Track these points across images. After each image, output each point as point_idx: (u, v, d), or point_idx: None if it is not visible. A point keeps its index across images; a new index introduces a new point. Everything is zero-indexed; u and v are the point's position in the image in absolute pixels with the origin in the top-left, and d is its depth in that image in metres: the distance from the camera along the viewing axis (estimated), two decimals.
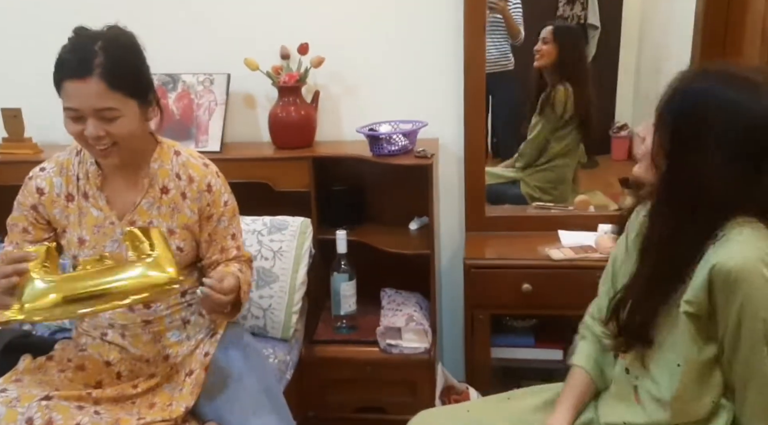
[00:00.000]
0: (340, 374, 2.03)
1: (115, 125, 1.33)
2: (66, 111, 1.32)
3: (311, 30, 2.11)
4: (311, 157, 2.04)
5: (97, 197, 1.45)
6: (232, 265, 1.53)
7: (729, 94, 1.04)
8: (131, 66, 1.36)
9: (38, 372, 1.43)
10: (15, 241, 1.46)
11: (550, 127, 2.35)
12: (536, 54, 2.33)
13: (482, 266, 1.96)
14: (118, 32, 1.37)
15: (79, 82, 1.28)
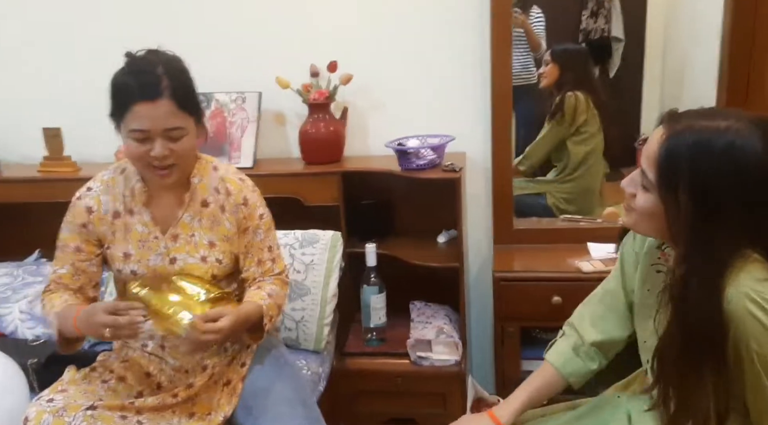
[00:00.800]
0: (371, 386, 2.05)
1: (180, 143, 1.40)
2: (132, 133, 1.37)
3: (340, 48, 2.16)
4: (340, 172, 2.08)
5: (142, 213, 1.50)
6: (264, 288, 1.56)
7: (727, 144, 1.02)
8: (191, 87, 1.44)
9: (82, 382, 1.47)
10: (69, 262, 1.51)
11: (560, 131, 2.38)
12: (540, 76, 2.39)
13: (511, 279, 1.97)
14: (170, 56, 1.44)
15: (149, 104, 1.34)
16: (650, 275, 1.26)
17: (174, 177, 1.45)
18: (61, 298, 1.48)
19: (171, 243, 1.50)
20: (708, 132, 1.04)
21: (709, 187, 1.03)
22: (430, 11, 2.14)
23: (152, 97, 1.34)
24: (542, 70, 2.38)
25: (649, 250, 1.27)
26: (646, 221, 1.13)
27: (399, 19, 2.16)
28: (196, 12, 2.23)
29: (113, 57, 2.26)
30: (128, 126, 1.37)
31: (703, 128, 1.04)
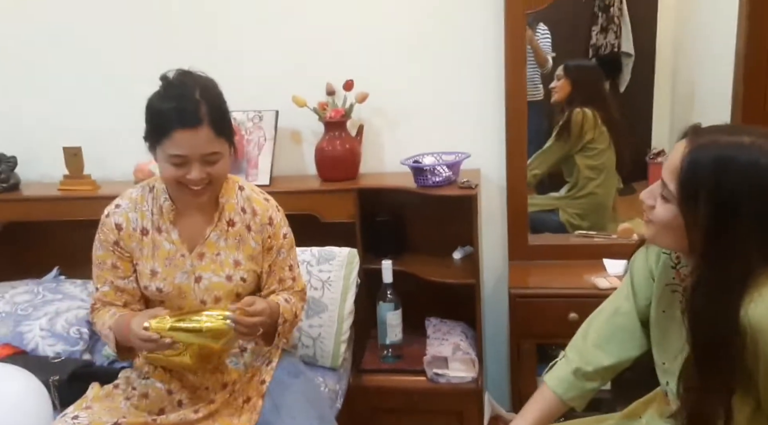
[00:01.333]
0: (388, 403, 2.05)
1: (216, 167, 1.42)
2: (170, 158, 1.39)
3: (355, 67, 2.19)
4: (356, 189, 2.10)
5: (170, 231, 1.52)
6: (280, 295, 1.59)
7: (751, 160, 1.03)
8: (226, 111, 1.46)
9: (106, 399, 1.49)
10: (108, 280, 1.53)
11: (564, 146, 2.40)
12: (552, 91, 2.41)
13: (527, 295, 1.97)
14: (205, 79, 1.45)
15: (191, 131, 1.36)
16: (665, 295, 1.26)
17: (207, 196, 1.47)
18: (109, 312, 1.51)
19: (197, 262, 1.52)
20: (732, 147, 1.05)
21: (729, 201, 1.03)
22: (444, 30, 2.17)
23: (193, 124, 1.36)
24: (554, 84, 2.40)
25: (664, 270, 1.27)
26: (664, 233, 1.14)
27: (413, 37, 2.19)
28: (212, 31, 2.27)
29: (132, 78, 2.34)
30: (166, 151, 1.39)
31: (727, 143, 1.05)
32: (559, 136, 2.39)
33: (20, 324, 2.02)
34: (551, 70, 2.43)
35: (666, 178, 1.10)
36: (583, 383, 1.34)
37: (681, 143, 1.10)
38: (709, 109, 2.41)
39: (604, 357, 1.33)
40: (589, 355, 1.35)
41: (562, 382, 1.35)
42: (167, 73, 1.44)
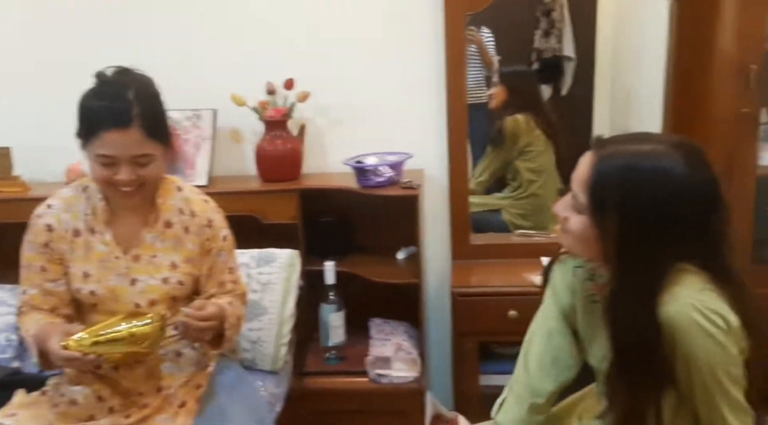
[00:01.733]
0: (330, 406, 2.03)
1: (147, 169, 1.39)
2: (98, 158, 1.35)
3: (297, 65, 2.17)
4: (299, 190, 2.08)
5: (104, 232, 1.47)
6: (223, 298, 1.55)
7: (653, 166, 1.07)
8: (161, 113, 1.42)
9: (32, 406, 1.44)
10: (36, 283, 1.47)
11: (500, 154, 2.46)
12: (490, 98, 2.47)
13: (469, 294, 1.99)
14: (143, 78, 1.41)
15: (119, 132, 1.32)
16: (588, 307, 1.29)
17: (138, 198, 1.43)
18: (34, 319, 1.44)
19: (132, 264, 1.48)
20: (634, 155, 1.09)
21: (637, 207, 1.07)
22: (387, 30, 2.18)
23: (122, 125, 1.32)
24: (491, 91, 2.45)
25: (581, 283, 1.30)
26: (580, 243, 1.17)
27: (356, 37, 2.19)
28: (148, 28, 2.22)
29: (64, 75, 2.25)
30: (95, 150, 1.35)
31: (629, 152, 1.10)
32: (495, 144, 2.45)
33: None
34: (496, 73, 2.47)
35: (576, 190, 1.14)
36: (537, 416, 1.34)
37: (587, 155, 1.14)
38: (644, 109, 2.49)
39: (552, 383, 1.33)
40: (538, 387, 1.33)
41: (521, 423, 1.34)
42: (104, 70, 1.40)
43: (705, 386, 1.08)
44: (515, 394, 1.36)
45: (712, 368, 1.06)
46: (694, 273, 1.10)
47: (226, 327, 1.49)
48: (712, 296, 1.08)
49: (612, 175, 1.08)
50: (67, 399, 1.48)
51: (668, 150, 1.09)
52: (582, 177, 1.12)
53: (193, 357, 1.57)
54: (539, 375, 1.33)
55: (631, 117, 2.62)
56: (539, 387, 1.33)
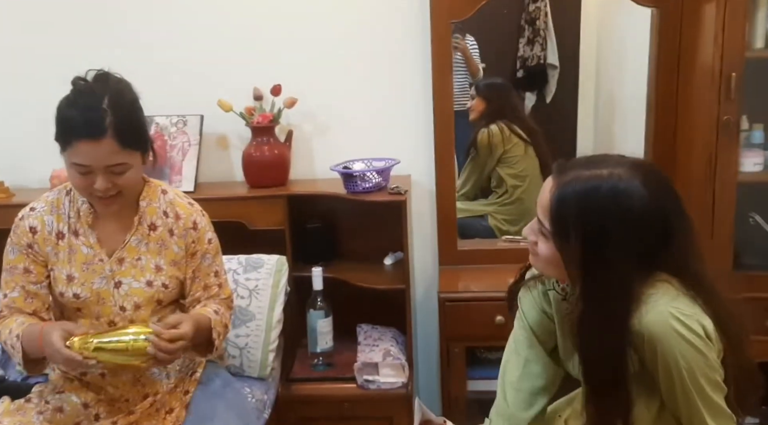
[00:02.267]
0: (318, 412, 2.02)
1: (123, 177, 1.37)
2: (74, 166, 1.34)
3: (284, 71, 2.17)
4: (286, 196, 2.08)
5: (88, 235, 1.46)
6: (210, 305, 1.55)
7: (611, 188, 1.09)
8: (137, 121, 1.40)
9: (17, 413, 1.42)
10: (19, 285, 1.45)
11: (478, 164, 2.49)
12: (469, 110, 2.49)
13: (456, 299, 1.99)
14: (119, 85, 1.39)
15: (92, 143, 1.31)
16: (566, 324, 1.29)
17: (117, 206, 1.43)
18: (17, 322, 1.42)
19: (116, 267, 1.47)
20: (593, 179, 1.11)
21: (598, 230, 1.09)
22: (374, 36, 2.19)
23: (95, 135, 1.30)
24: (469, 104, 2.48)
25: (556, 304, 1.31)
26: (550, 267, 1.19)
27: (343, 43, 2.20)
28: (135, 33, 2.21)
29: (48, 79, 2.21)
30: (70, 158, 1.34)
31: (588, 177, 1.11)
32: (471, 155, 2.49)
33: None
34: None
35: (540, 216, 1.16)
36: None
37: (548, 181, 1.16)
38: (627, 116, 2.52)
39: (533, 409, 1.35)
40: (518, 416, 1.34)
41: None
42: (83, 76, 1.39)
43: (686, 393, 1.09)
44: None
45: (693, 374, 1.08)
46: (666, 282, 1.13)
47: (214, 337, 1.48)
48: (686, 302, 1.10)
49: (571, 200, 1.11)
50: (53, 406, 1.47)
51: (625, 172, 1.10)
52: (544, 203, 1.15)
53: (180, 364, 1.57)
54: (519, 406, 1.34)
55: (614, 123, 2.65)
56: (519, 416, 1.34)
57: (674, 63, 2.03)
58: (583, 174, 1.12)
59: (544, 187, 1.16)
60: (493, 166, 2.48)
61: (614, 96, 2.65)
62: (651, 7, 2.05)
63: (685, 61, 2.01)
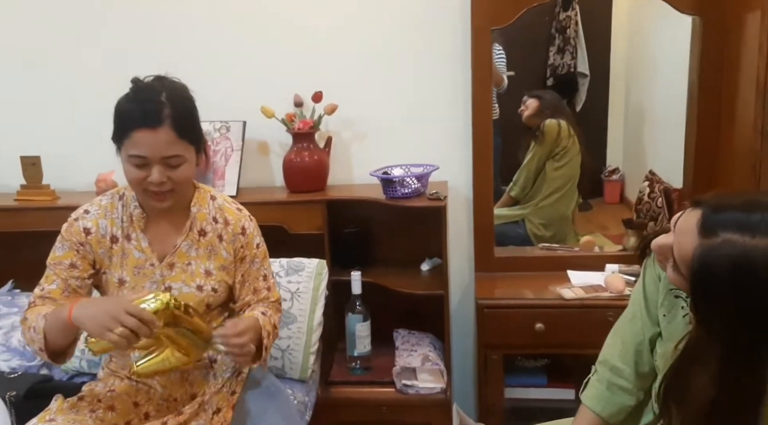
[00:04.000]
0: (357, 415, 2.03)
1: (178, 171, 1.40)
2: (131, 158, 1.37)
3: (324, 79, 2.20)
4: (325, 200, 2.10)
5: (140, 239, 1.49)
6: (257, 308, 1.57)
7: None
8: (193, 115, 1.44)
9: (70, 411, 1.44)
10: (61, 277, 1.46)
11: (544, 152, 2.48)
12: (522, 112, 2.51)
13: (495, 306, 1.99)
14: (176, 83, 1.44)
15: (150, 132, 1.34)
16: (668, 299, 1.23)
17: (169, 202, 1.44)
18: (47, 307, 1.41)
19: (167, 272, 1.49)
20: (747, 252, 0.91)
21: (748, 313, 0.93)
22: (413, 44, 2.21)
23: (153, 124, 1.34)
24: (522, 107, 2.49)
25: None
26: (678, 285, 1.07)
27: (383, 50, 2.22)
28: (180, 41, 2.25)
29: (94, 87, 2.29)
30: (127, 151, 1.37)
31: (742, 247, 0.92)
32: (536, 142, 2.49)
33: None
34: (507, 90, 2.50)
35: (677, 259, 1.01)
36: (620, 397, 1.31)
37: (692, 228, 0.97)
38: (660, 125, 2.52)
39: (626, 367, 1.30)
40: (616, 366, 1.31)
41: (599, 400, 1.32)
42: (141, 77, 1.43)
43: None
44: (597, 373, 1.35)
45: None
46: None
47: (264, 337, 1.50)
48: None
49: (720, 273, 0.93)
50: (104, 404, 1.49)
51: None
52: (685, 255, 0.98)
53: (227, 364, 1.58)
54: (618, 358, 1.31)
55: (644, 133, 2.65)
56: (616, 368, 1.31)
57: (717, 72, 2.02)
58: (737, 240, 0.92)
59: (686, 230, 0.98)
60: (546, 157, 2.47)
61: (645, 105, 2.65)
62: (693, 15, 2.04)
63: (727, 70, 2.00)
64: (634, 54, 2.62)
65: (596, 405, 1.33)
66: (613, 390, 1.32)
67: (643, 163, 2.59)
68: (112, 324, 1.21)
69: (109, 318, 1.22)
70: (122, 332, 1.21)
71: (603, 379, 1.33)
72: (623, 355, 1.31)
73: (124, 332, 1.21)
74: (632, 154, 2.72)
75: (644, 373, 1.30)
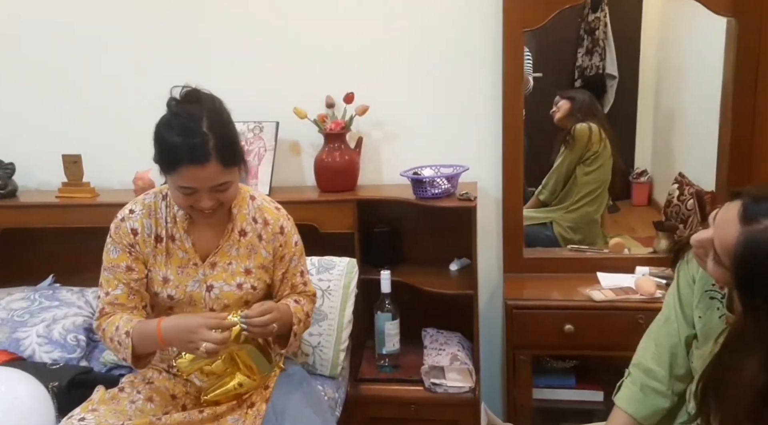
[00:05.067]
0: (386, 412, 2.06)
1: (226, 194, 1.44)
2: (180, 189, 1.39)
3: (355, 80, 2.23)
4: (356, 200, 2.13)
5: (184, 239, 1.53)
6: (291, 297, 1.62)
7: None
8: (234, 139, 1.44)
9: (111, 402, 1.49)
10: (122, 282, 1.51)
11: (574, 157, 2.47)
12: (553, 113, 2.49)
13: (524, 307, 2.00)
14: (213, 104, 1.43)
15: (198, 168, 1.35)
16: (703, 301, 1.23)
17: (217, 216, 1.50)
18: (123, 319, 1.48)
19: (209, 271, 1.53)
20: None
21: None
22: (444, 45, 2.22)
23: (200, 161, 1.34)
24: (554, 109, 2.49)
25: (704, 275, 1.21)
26: (719, 280, 1.08)
27: (413, 51, 2.24)
28: (215, 43, 2.30)
29: (134, 87, 2.34)
30: (176, 182, 1.39)
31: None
32: (566, 146, 2.47)
33: (17, 331, 2.00)
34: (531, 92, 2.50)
35: (718, 250, 1.02)
36: (654, 399, 1.31)
37: (734, 217, 0.99)
38: (690, 127, 2.50)
39: (660, 369, 1.30)
40: (649, 368, 1.31)
41: (632, 401, 1.32)
42: (174, 95, 1.41)
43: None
44: (631, 375, 1.36)
45: None
46: None
47: (294, 323, 1.54)
48: None
49: (763, 264, 0.95)
50: (144, 396, 1.54)
51: None
52: (727, 245, 0.99)
53: None
54: (651, 360, 1.31)
55: (674, 135, 2.63)
56: (649, 369, 1.31)
57: (752, 73, 2.00)
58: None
59: (728, 224, 0.99)
60: (577, 162, 2.46)
61: (675, 106, 2.62)
62: (728, 17, 2.03)
63: (764, 71, 1.98)
64: (664, 55, 2.60)
65: (630, 406, 1.33)
66: (647, 392, 1.32)
67: (672, 165, 2.57)
68: (199, 343, 1.34)
69: (195, 340, 1.35)
70: (207, 347, 1.34)
71: (636, 381, 1.33)
72: (657, 358, 1.31)
73: (208, 346, 1.34)
74: (661, 156, 2.70)
75: (679, 375, 1.30)
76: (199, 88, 1.44)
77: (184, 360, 1.42)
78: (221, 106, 1.45)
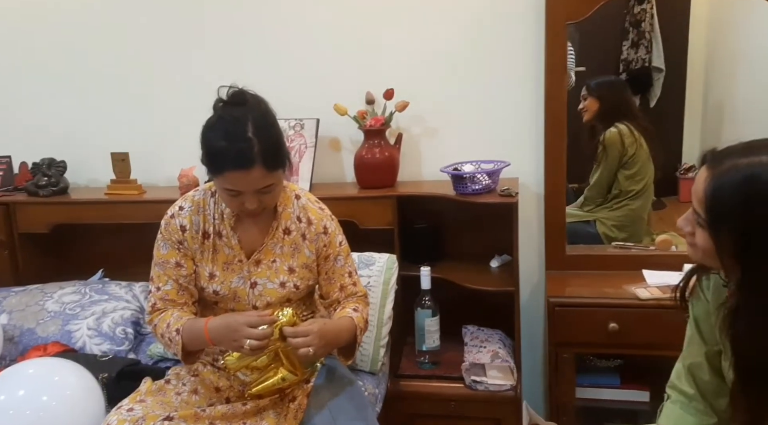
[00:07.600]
0: (426, 409, 2.06)
1: (271, 195, 1.46)
2: (225, 190, 1.42)
3: (395, 76, 2.23)
4: (395, 196, 2.13)
5: (230, 237, 1.55)
6: (349, 305, 1.62)
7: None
8: (279, 142, 1.44)
9: (158, 393, 1.53)
10: (172, 278, 1.55)
11: (609, 168, 2.39)
12: (581, 112, 2.41)
13: (567, 304, 1.97)
14: (259, 106, 1.43)
15: (243, 172, 1.37)
16: (719, 315, 1.23)
17: (263, 214, 1.52)
18: (173, 316, 1.52)
19: (254, 268, 1.56)
20: (752, 167, 1.04)
21: (759, 226, 1.03)
22: (484, 39, 2.21)
23: (245, 166, 1.36)
24: (581, 105, 2.42)
25: (716, 290, 1.26)
26: (708, 257, 1.13)
27: (453, 47, 2.23)
28: (256, 41, 2.33)
29: (174, 87, 2.40)
30: (222, 184, 1.42)
31: (747, 164, 1.04)
32: (599, 158, 2.39)
33: (68, 323, 2.07)
34: (576, 86, 2.45)
35: (696, 207, 1.11)
36: (697, 417, 1.31)
37: (702, 170, 1.10)
38: (739, 122, 2.41)
39: (693, 390, 1.32)
40: (684, 387, 1.33)
41: (673, 420, 1.33)
42: (221, 96, 1.42)
43: None
44: (670, 398, 1.37)
45: None
46: None
47: (358, 333, 1.56)
48: None
49: (729, 191, 1.05)
50: (189, 388, 1.58)
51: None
52: (698, 194, 1.09)
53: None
54: (685, 379, 1.34)
55: (723, 129, 2.54)
56: (685, 388, 1.33)
57: None
58: (741, 162, 1.05)
59: (698, 177, 1.11)
60: (616, 168, 2.40)
61: (725, 100, 2.54)
62: None
63: None
64: (713, 46, 2.51)
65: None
66: (689, 411, 1.32)
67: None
68: (243, 341, 1.37)
69: (240, 339, 1.38)
70: (251, 344, 1.36)
71: (676, 402, 1.34)
72: (686, 378, 1.33)
73: (252, 343, 1.36)
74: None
75: (708, 391, 1.30)
76: (246, 89, 1.44)
77: (231, 358, 1.45)
78: (267, 108, 1.45)
